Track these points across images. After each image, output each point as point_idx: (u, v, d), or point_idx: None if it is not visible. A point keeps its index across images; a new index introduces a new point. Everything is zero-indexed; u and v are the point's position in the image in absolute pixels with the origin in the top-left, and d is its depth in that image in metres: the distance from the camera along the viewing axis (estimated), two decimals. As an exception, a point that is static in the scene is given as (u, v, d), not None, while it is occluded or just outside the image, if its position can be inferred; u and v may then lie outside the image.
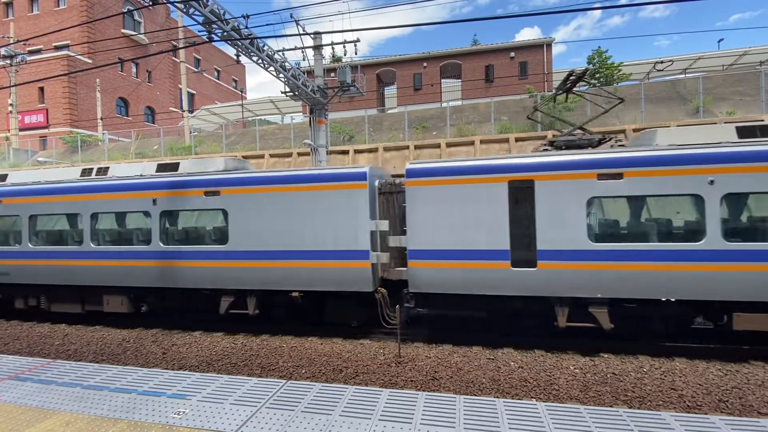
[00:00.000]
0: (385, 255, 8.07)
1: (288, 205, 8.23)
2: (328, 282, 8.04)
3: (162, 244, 8.98)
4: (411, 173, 7.80)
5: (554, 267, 7.07)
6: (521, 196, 7.28)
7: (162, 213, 9.01)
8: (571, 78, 8.87)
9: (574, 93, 9.63)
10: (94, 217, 9.52)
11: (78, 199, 9.58)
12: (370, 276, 7.84)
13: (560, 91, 9.58)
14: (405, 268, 7.94)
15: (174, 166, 9.58)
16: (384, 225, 8.08)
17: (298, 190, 8.20)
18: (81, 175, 10.23)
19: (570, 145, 8.15)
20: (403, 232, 8.10)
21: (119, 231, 9.94)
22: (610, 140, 8.31)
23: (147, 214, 9.15)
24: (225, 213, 8.63)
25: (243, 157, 21.77)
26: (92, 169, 10.32)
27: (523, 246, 7.24)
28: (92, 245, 9.42)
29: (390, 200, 8.74)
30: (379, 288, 8.15)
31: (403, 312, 8.03)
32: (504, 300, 7.48)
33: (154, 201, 9.01)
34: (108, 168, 10.17)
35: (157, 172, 9.60)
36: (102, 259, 9.33)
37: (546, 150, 8.09)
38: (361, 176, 7.93)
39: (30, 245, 9.94)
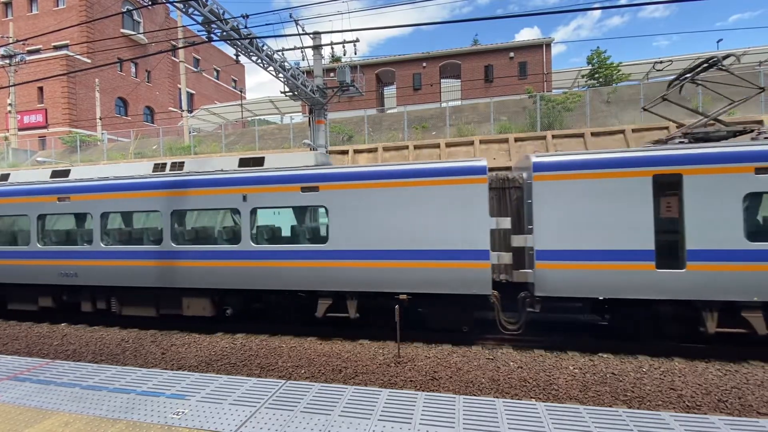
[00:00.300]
0: (507, 255, 7.52)
1: (397, 202, 7.66)
2: (439, 284, 7.47)
3: (253, 244, 8.38)
4: (539, 167, 7.18)
5: (705, 269, 6.55)
6: (667, 192, 6.77)
7: (253, 210, 8.42)
8: (704, 65, 8.05)
9: (697, 82, 8.61)
10: (174, 214, 8.92)
11: (156, 195, 8.97)
12: (489, 278, 7.30)
13: (685, 78, 8.59)
14: (530, 270, 7.30)
15: (259, 161, 9.05)
16: (505, 223, 7.50)
17: (409, 186, 7.62)
18: (153, 170, 9.60)
19: (706, 137, 7.51)
20: (521, 231, 7.61)
21: (204, 229, 9.53)
22: (751, 131, 7.68)
23: (235, 211, 8.61)
24: (324, 210, 8.11)
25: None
26: (165, 164, 9.70)
27: (670, 245, 6.74)
28: (173, 244, 8.82)
29: (501, 196, 8.12)
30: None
31: (522, 315, 7.56)
32: (644, 304, 7.02)
33: (244, 197, 8.39)
34: (183, 163, 9.58)
35: (239, 167, 9.04)
36: (183, 260, 8.74)
37: (681, 142, 7.49)
38: (481, 170, 7.37)
39: (102, 245, 9.31)
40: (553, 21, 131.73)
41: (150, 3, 10.05)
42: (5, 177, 10.82)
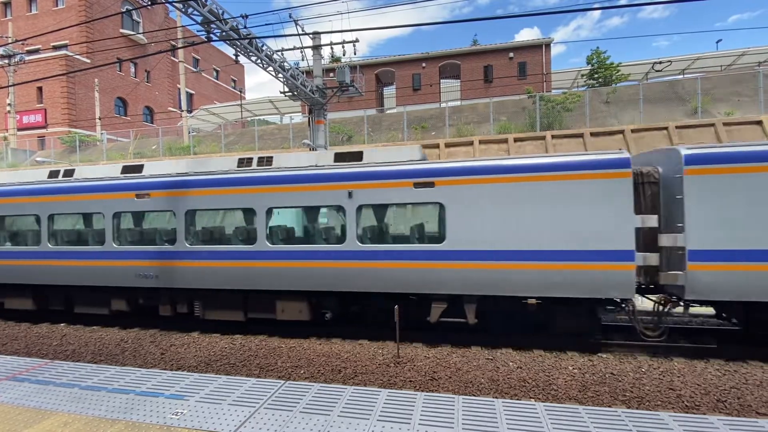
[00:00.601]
0: (653, 256, 6.91)
1: (527, 198, 7.07)
2: (572, 287, 6.91)
3: (359, 243, 7.81)
4: (692, 160, 6.61)
5: None
6: None
7: (359, 207, 7.83)
8: None
9: None
10: (270, 212, 8.35)
11: (248, 192, 8.39)
12: (633, 280, 6.73)
13: None
14: (680, 272, 6.70)
15: (357, 155, 8.47)
16: (651, 221, 6.88)
17: (542, 180, 7.02)
18: (238, 165, 9.04)
19: None
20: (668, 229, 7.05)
21: (303, 228, 9.06)
22: None
23: (339, 208, 8.03)
24: (441, 207, 7.49)
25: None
26: (251, 158, 9.07)
27: None
28: (268, 244, 8.24)
29: (637, 191, 7.41)
30: None
31: (662, 321, 7.29)
32: None
33: (350, 194, 7.83)
34: (271, 157, 8.98)
35: (335, 162, 8.46)
36: (279, 260, 8.17)
37: None
38: (624, 163, 6.74)
39: (186, 244, 8.70)
40: (553, 21, 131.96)
41: (149, 3, 10.04)
42: (70, 172, 10.20)
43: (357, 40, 15.01)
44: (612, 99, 21.93)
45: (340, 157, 8.54)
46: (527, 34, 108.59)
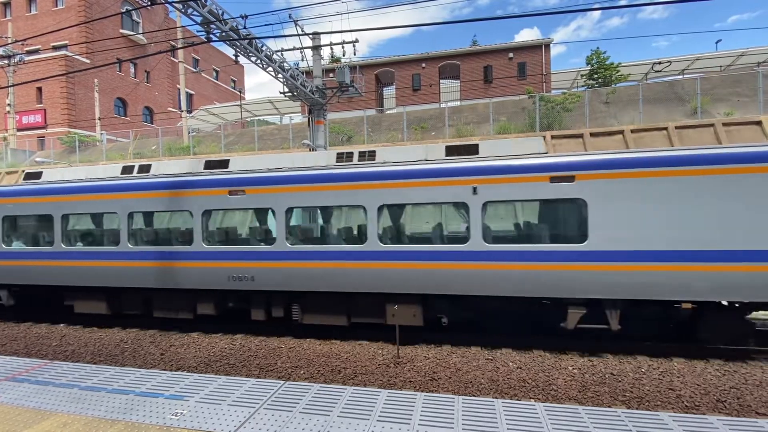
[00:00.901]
0: None
1: (688, 194, 6.44)
2: (739, 290, 6.41)
3: (486, 243, 7.22)
4: None
5: None
6: None
7: (485, 204, 7.27)
8: None
9: None
10: (382, 209, 7.80)
11: (357, 188, 7.82)
12: None
13: None
14: None
15: (472, 149, 7.91)
16: None
17: (708, 174, 6.42)
18: (337, 161, 8.51)
19: None
20: None
21: (419, 226, 8.59)
22: None
23: (461, 205, 7.44)
24: (582, 204, 6.90)
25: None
26: (351, 153, 8.52)
27: None
28: (380, 244, 7.71)
29: None
30: None
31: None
32: None
33: (475, 189, 7.27)
34: (374, 152, 8.42)
35: (447, 156, 7.95)
36: (392, 261, 7.63)
37: None
38: None
39: (287, 244, 8.15)
40: (553, 21, 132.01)
41: (149, 3, 10.03)
42: (146, 168, 9.61)
43: (357, 41, 15.02)
44: (611, 99, 21.94)
45: (453, 151, 7.98)
46: (527, 35, 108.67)
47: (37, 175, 10.48)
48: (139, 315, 9.74)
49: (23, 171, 10.77)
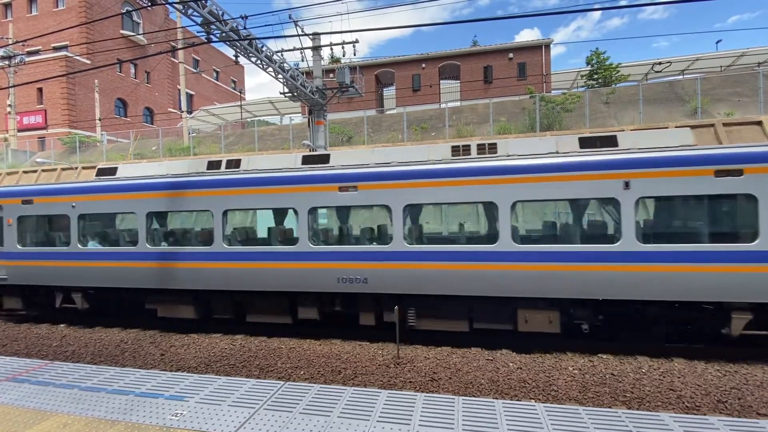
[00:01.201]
0: None
1: None
2: None
3: (641, 243, 6.66)
4: None
5: None
6: None
7: (638, 200, 6.71)
8: None
9: None
10: (515, 207, 7.27)
11: (484, 183, 7.26)
12: None
13: None
14: None
15: (611, 140, 7.32)
16: None
17: None
18: (452, 154, 7.97)
19: None
20: None
21: (556, 225, 8.13)
22: None
23: (609, 201, 6.89)
24: (752, 199, 6.35)
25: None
26: (468, 146, 8.03)
27: None
28: (514, 244, 7.18)
29: None
30: None
31: None
32: None
33: (627, 184, 6.69)
34: (495, 144, 7.89)
35: (581, 148, 7.43)
36: (527, 263, 7.06)
37: None
38: None
39: (405, 244, 7.63)
40: (553, 22, 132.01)
41: (149, 4, 10.04)
42: (237, 163, 9.08)
43: (357, 41, 15.03)
44: (611, 99, 21.95)
45: (586, 143, 7.41)
46: (527, 35, 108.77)
47: (111, 171, 9.90)
48: (138, 315, 9.75)
49: (97, 167, 10.14)
